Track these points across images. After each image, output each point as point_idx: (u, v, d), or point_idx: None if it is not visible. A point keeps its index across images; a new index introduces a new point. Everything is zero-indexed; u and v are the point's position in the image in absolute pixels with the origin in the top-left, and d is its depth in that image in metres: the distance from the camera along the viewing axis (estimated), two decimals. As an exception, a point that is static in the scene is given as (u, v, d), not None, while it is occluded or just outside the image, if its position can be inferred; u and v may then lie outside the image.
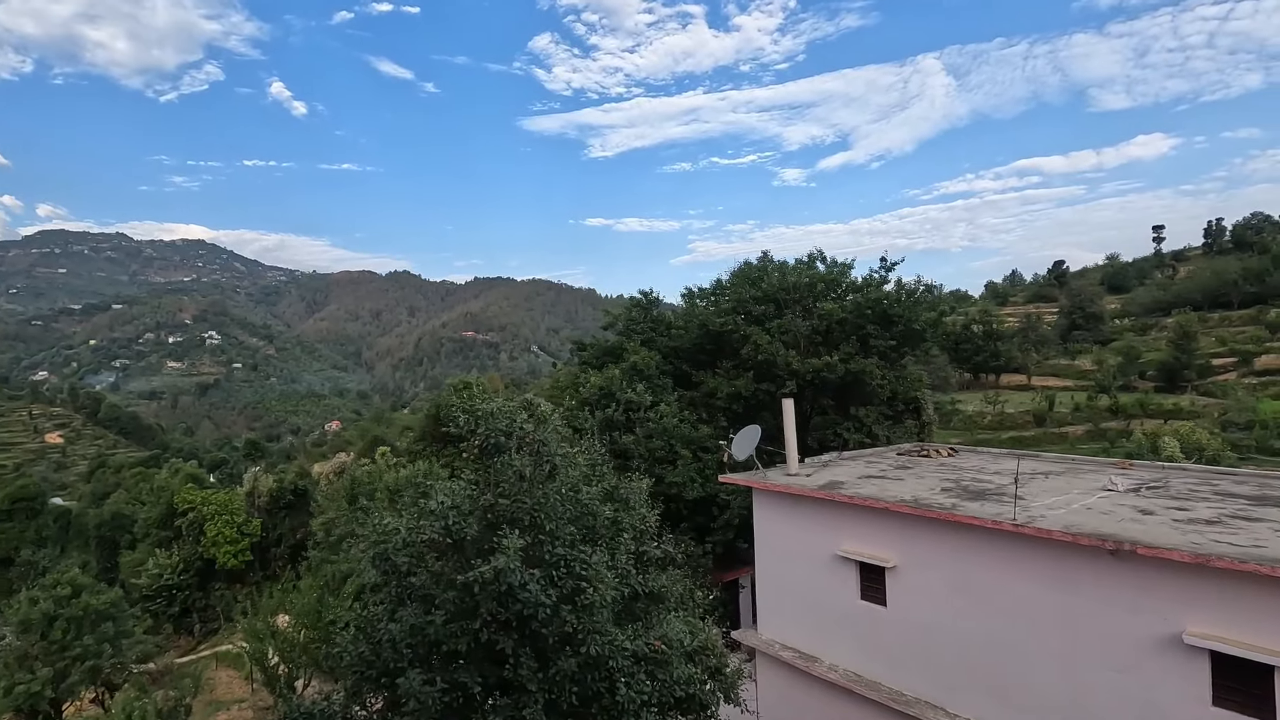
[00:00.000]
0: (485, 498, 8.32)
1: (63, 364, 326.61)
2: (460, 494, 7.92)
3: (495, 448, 8.57)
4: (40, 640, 25.57)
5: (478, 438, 8.62)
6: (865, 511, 12.98)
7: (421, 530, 7.61)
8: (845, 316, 22.92)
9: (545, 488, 8.44)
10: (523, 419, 8.69)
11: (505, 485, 8.30)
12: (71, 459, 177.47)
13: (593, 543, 8.81)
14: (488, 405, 8.85)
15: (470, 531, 7.80)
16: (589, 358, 26.36)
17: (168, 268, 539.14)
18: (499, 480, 8.37)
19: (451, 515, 7.72)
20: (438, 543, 7.76)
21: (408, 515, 8.00)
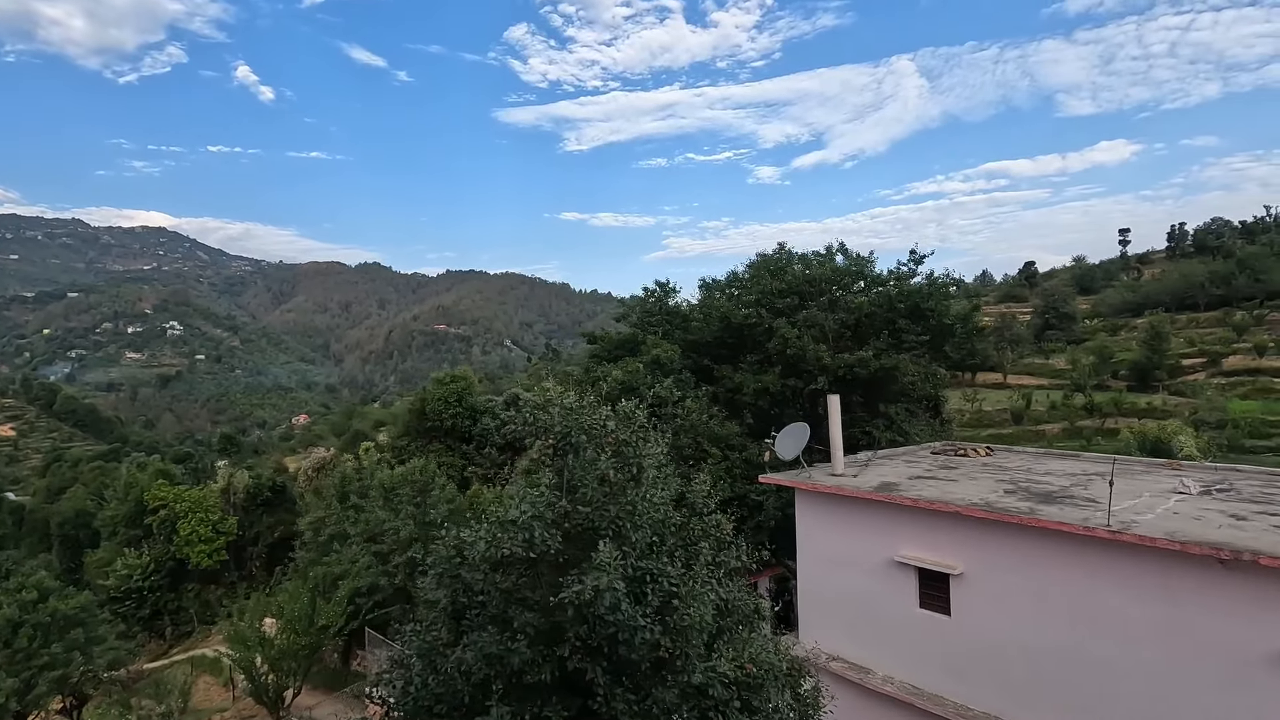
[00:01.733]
0: (561, 504, 7.34)
1: (14, 354, 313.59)
2: (542, 502, 6.92)
3: (572, 447, 7.58)
4: (4, 648, 23.82)
5: (552, 436, 7.62)
6: (926, 515, 12.27)
7: (501, 544, 6.61)
8: (875, 310, 22.33)
9: (631, 494, 7.48)
10: (604, 414, 7.71)
11: (588, 491, 7.33)
12: (24, 452, 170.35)
13: (669, 554, 7.91)
14: (564, 399, 7.84)
15: (554, 545, 6.82)
16: (601, 351, 25.33)
17: (127, 255, 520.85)
18: (578, 485, 7.39)
19: (536, 527, 6.73)
20: (517, 559, 6.76)
21: (486, 527, 6.96)
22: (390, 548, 24.48)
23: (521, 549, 6.63)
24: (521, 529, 6.71)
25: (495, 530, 6.87)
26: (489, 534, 6.78)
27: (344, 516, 26.85)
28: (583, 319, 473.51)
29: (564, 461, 7.80)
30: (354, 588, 23.71)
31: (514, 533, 6.73)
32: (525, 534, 6.68)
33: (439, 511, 25.78)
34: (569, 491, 7.73)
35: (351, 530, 25.80)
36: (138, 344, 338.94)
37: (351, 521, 26.15)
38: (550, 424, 7.63)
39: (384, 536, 24.60)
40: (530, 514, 6.77)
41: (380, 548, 24.73)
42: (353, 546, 25.08)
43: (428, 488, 26.10)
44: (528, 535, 6.69)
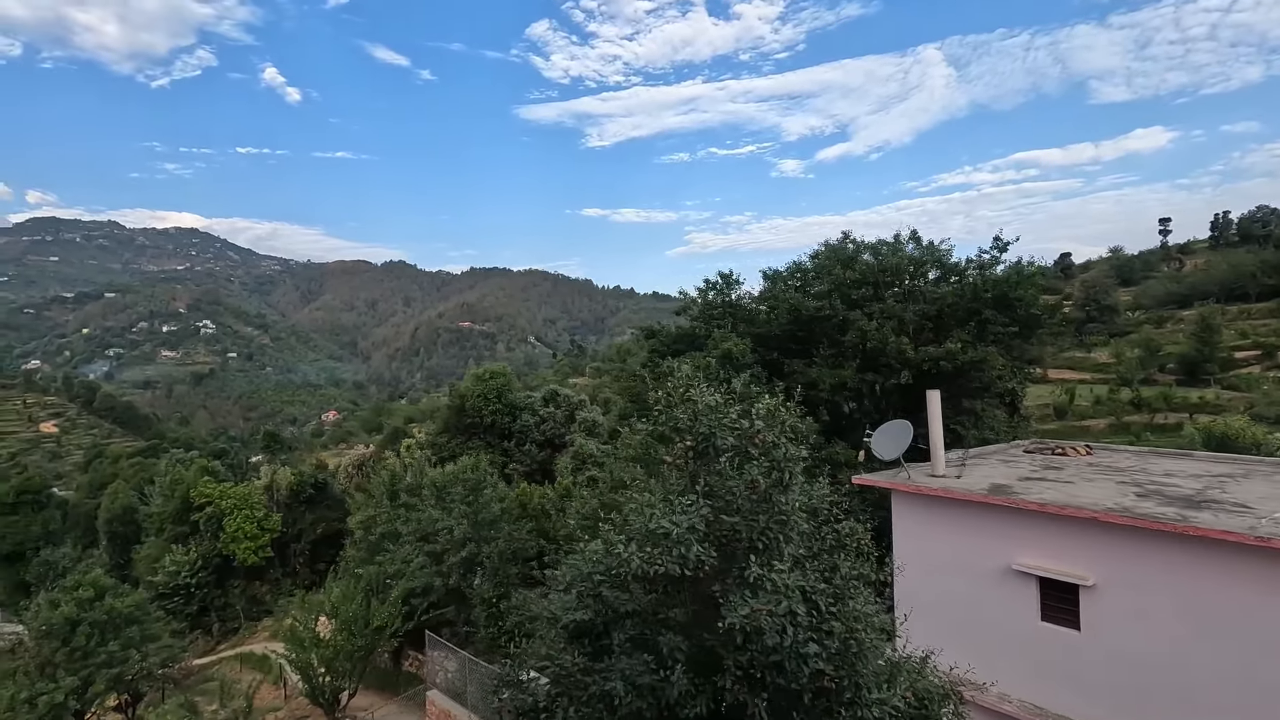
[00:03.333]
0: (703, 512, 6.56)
1: (55, 353, 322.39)
2: (695, 512, 6.15)
3: (715, 450, 6.80)
4: (62, 646, 23.82)
5: (692, 437, 6.85)
6: (1051, 520, 11.28)
7: (655, 560, 5.85)
8: (957, 300, 21.21)
9: (782, 501, 6.68)
10: (754, 413, 6.92)
11: (735, 499, 6.54)
12: (66, 448, 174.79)
13: (820, 569, 7.09)
14: (705, 397, 7.05)
15: (710, 561, 6.05)
16: (660, 346, 24.55)
17: (161, 256, 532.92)
18: (725, 493, 6.60)
19: (693, 540, 5.96)
20: (664, 576, 6.00)
21: (635, 540, 6.20)
22: (444, 547, 23.99)
23: (677, 566, 5.87)
24: (677, 543, 5.94)
25: (647, 545, 6.10)
26: (638, 549, 6.01)
27: (394, 515, 26.43)
28: (605, 315, 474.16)
29: (702, 466, 7.02)
30: (408, 588, 23.26)
31: (668, 547, 5.97)
32: (680, 549, 5.91)
33: (491, 511, 25.33)
34: (710, 499, 6.96)
35: (403, 529, 25.37)
36: (172, 342, 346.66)
37: (403, 520, 25.72)
38: (690, 424, 6.85)
39: (437, 536, 24.12)
40: (686, 526, 5.99)
41: (433, 547, 24.27)
42: (405, 546, 24.65)
43: (480, 486, 25.58)
44: (683, 551, 5.92)
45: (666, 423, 7.16)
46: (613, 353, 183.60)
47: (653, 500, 6.69)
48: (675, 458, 7.07)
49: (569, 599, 6.49)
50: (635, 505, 6.67)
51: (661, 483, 7.68)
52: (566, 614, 6.54)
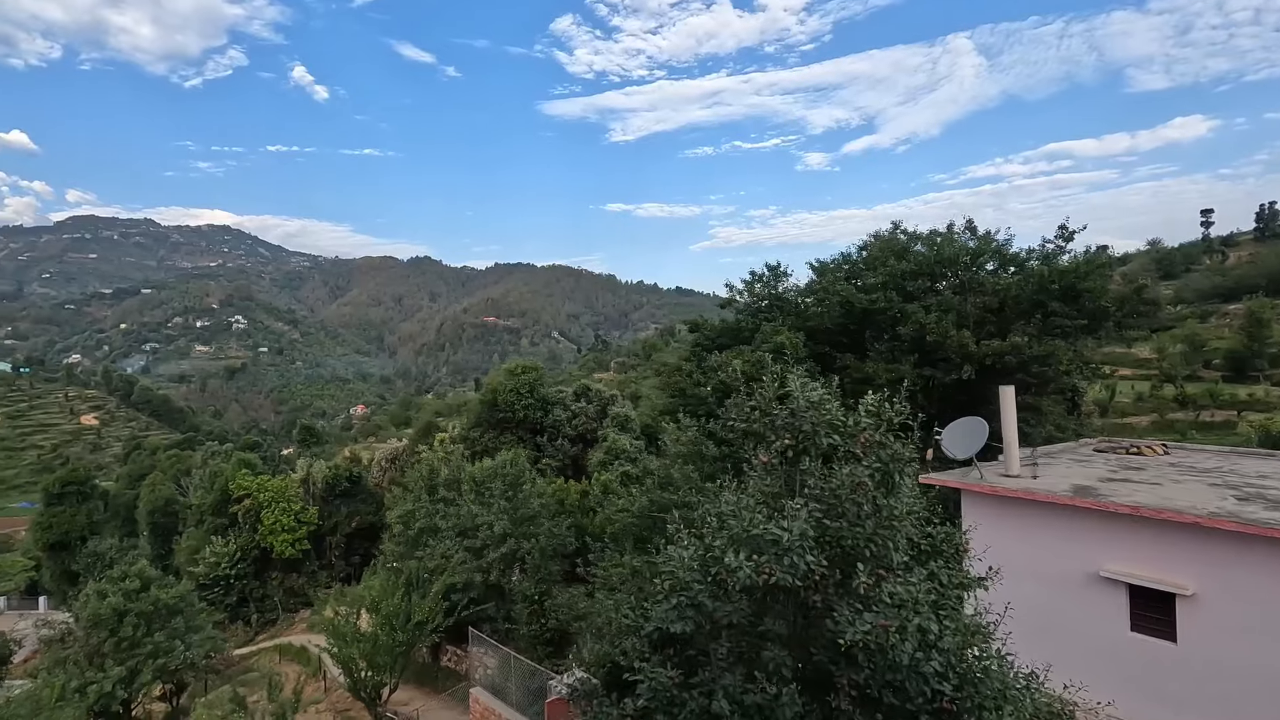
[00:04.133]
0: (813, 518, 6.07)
1: (95, 347, 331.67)
2: (805, 518, 5.65)
3: (818, 450, 6.31)
4: (110, 636, 24.13)
5: (791, 435, 6.36)
6: (1144, 525, 10.58)
7: (764, 569, 5.39)
8: (1020, 292, 20.32)
9: (890, 506, 6.16)
10: (860, 410, 6.40)
11: (841, 503, 6.03)
12: (106, 440, 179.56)
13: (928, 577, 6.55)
14: (806, 392, 6.55)
15: (820, 571, 5.56)
16: (704, 340, 24.00)
17: (194, 253, 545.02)
18: (827, 496, 6.10)
19: (807, 548, 5.49)
20: (773, 587, 5.52)
21: (737, 546, 5.74)
22: (483, 543, 23.80)
23: (789, 576, 5.39)
24: (787, 551, 5.47)
25: (753, 552, 5.63)
26: (745, 556, 5.53)
27: (433, 510, 26.31)
28: (629, 310, 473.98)
29: (799, 467, 6.52)
30: (449, 584, 23.12)
31: (777, 555, 5.49)
32: (792, 558, 5.43)
33: (531, 507, 25.08)
34: (817, 503, 6.48)
35: (442, 524, 25.25)
36: (205, 337, 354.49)
37: (442, 515, 25.59)
38: (789, 421, 6.36)
39: (477, 531, 23.93)
40: (799, 533, 5.51)
41: (472, 543, 24.08)
42: (444, 541, 24.51)
43: (519, 481, 25.35)
44: (794, 560, 5.44)
45: (757, 420, 6.67)
46: (638, 348, 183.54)
47: (749, 503, 6.21)
48: (770, 457, 6.58)
49: (666, 607, 6.04)
50: (727, 508, 6.19)
51: (749, 483, 7.17)
52: (661, 623, 6.09)
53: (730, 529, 5.98)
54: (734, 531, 5.97)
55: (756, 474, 7.44)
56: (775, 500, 6.43)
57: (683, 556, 5.81)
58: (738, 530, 5.95)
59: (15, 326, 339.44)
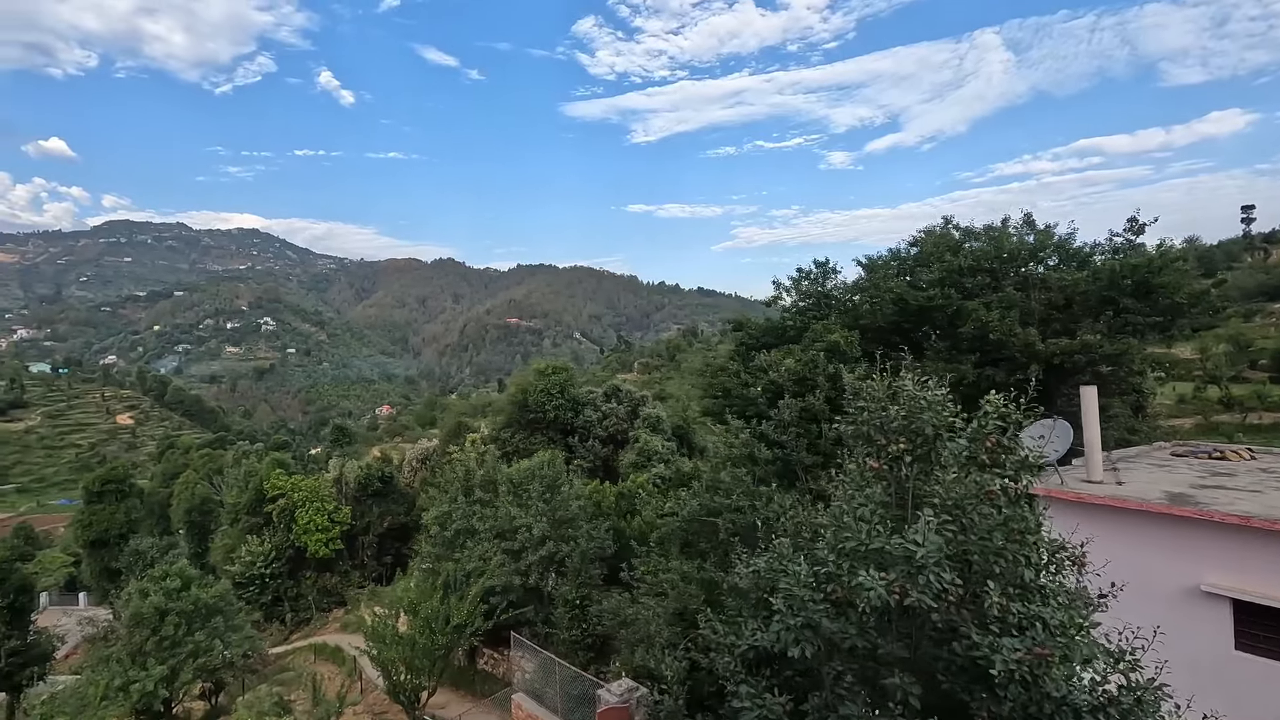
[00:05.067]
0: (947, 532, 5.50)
1: (130, 348, 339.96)
2: (938, 532, 5.09)
3: (936, 456, 5.75)
4: (152, 635, 24.24)
5: (907, 439, 5.81)
6: (1253, 536, 9.81)
7: (895, 587, 4.84)
8: (1089, 288, 19.40)
9: (1021, 517, 5.58)
10: (985, 413, 5.83)
11: (967, 515, 5.46)
12: (141, 439, 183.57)
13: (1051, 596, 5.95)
14: (925, 392, 5.99)
15: (955, 591, 5.02)
16: (748, 339, 23.38)
17: (224, 256, 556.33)
18: (950, 506, 5.53)
19: (945, 565, 4.95)
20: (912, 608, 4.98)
21: (858, 561, 5.21)
22: (522, 545, 23.46)
23: (927, 597, 4.85)
24: (923, 569, 4.92)
25: (878, 569, 5.09)
26: (877, 576, 4.98)
27: (469, 511, 26.06)
28: (650, 310, 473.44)
29: (910, 471, 5.96)
30: (487, 586, 22.81)
31: (910, 573, 4.95)
32: (928, 576, 4.89)
33: (569, 509, 24.68)
34: (945, 514, 5.91)
35: (479, 526, 24.97)
36: (235, 338, 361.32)
37: (479, 517, 25.32)
38: (905, 424, 5.81)
39: (515, 534, 23.60)
40: (934, 548, 4.96)
41: (510, 545, 23.76)
42: (483, 543, 24.22)
43: (557, 483, 24.98)
44: (930, 578, 4.89)
45: (865, 421, 6.12)
46: (661, 348, 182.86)
47: (865, 513, 5.66)
48: (881, 463, 6.02)
49: (778, 627, 5.52)
50: (847, 519, 5.64)
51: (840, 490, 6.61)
52: (774, 645, 5.57)
53: (846, 542, 5.44)
54: (850, 545, 5.43)
55: (850, 481, 6.87)
56: (886, 510, 5.87)
57: (798, 572, 5.28)
58: (855, 544, 5.41)
59: (55, 328, 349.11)
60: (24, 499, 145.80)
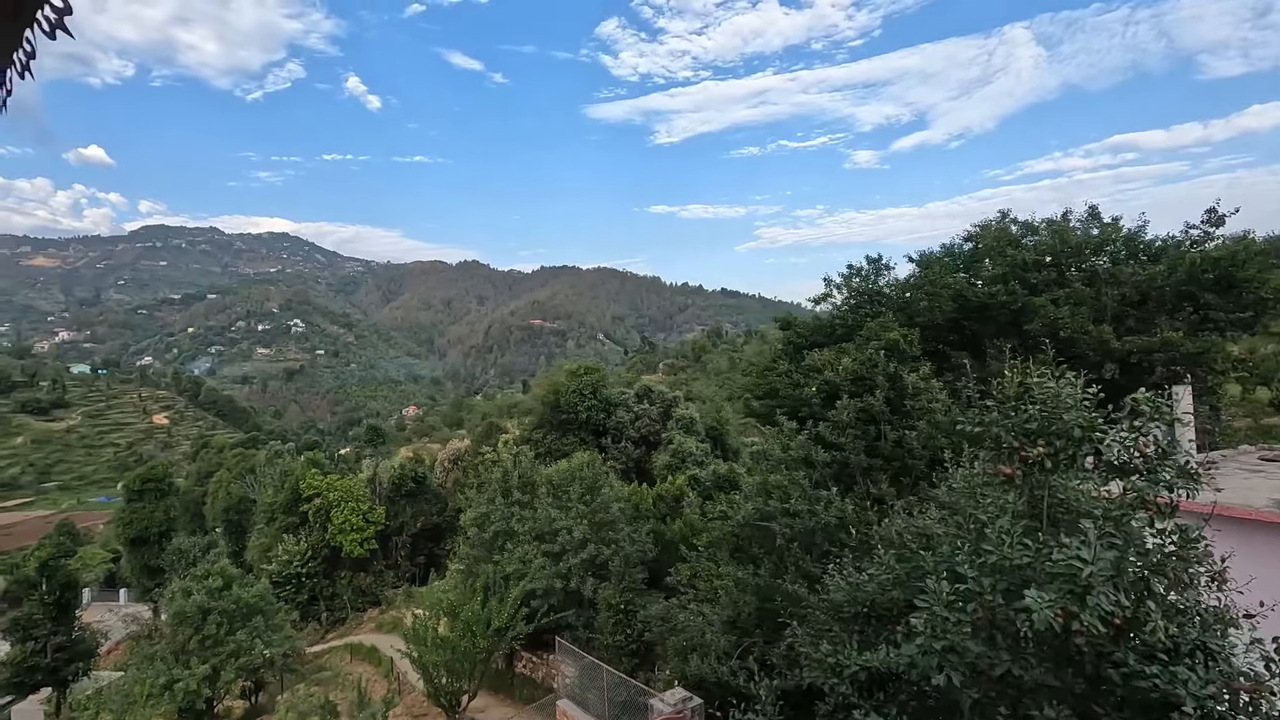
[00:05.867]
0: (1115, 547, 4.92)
1: (165, 350, 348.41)
2: (1109, 546, 4.50)
3: (1080, 460, 5.16)
4: (195, 634, 24.34)
5: (1044, 441, 5.22)
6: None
7: (1059, 607, 4.28)
8: (1166, 283, 18.43)
9: (1183, 530, 4.97)
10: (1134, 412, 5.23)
11: (1123, 528, 4.87)
12: (176, 439, 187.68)
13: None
14: (1067, 389, 5.40)
15: (1125, 612, 4.43)
16: (796, 338, 22.75)
17: (255, 259, 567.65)
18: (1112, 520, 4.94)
19: (1118, 585, 4.37)
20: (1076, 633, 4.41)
21: (998, 576, 4.62)
22: (562, 548, 23.09)
23: (1099, 622, 4.27)
24: (1089, 589, 4.34)
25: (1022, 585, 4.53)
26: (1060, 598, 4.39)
27: (508, 513, 25.78)
28: (674, 311, 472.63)
29: (1048, 478, 5.37)
30: (528, 590, 22.47)
31: (1076, 594, 4.37)
32: (1101, 598, 4.30)
33: (610, 512, 24.26)
34: (1052, 524, 5.34)
35: (519, 528, 24.66)
36: (266, 340, 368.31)
37: (518, 519, 25.01)
38: (1046, 425, 5.23)
39: (555, 536, 23.24)
40: (1109, 565, 4.38)
41: (550, 547, 23.40)
42: (522, 545, 23.90)
43: (597, 485, 24.58)
44: (1098, 600, 4.32)
45: (995, 422, 5.55)
46: (686, 349, 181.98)
47: (1001, 523, 5.09)
48: (1014, 468, 5.45)
49: (912, 650, 4.97)
50: (991, 532, 5.07)
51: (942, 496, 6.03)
52: (910, 669, 5.02)
53: (988, 557, 4.88)
54: (993, 560, 4.86)
55: (965, 489, 6.28)
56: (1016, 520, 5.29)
57: (940, 591, 4.74)
58: (998, 558, 4.84)
59: (94, 330, 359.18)
60: (65, 496, 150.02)
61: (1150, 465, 5.13)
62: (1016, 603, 4.71)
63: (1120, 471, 5.24)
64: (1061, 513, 5.55)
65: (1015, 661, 4.56)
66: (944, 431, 14.88)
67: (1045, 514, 5.47)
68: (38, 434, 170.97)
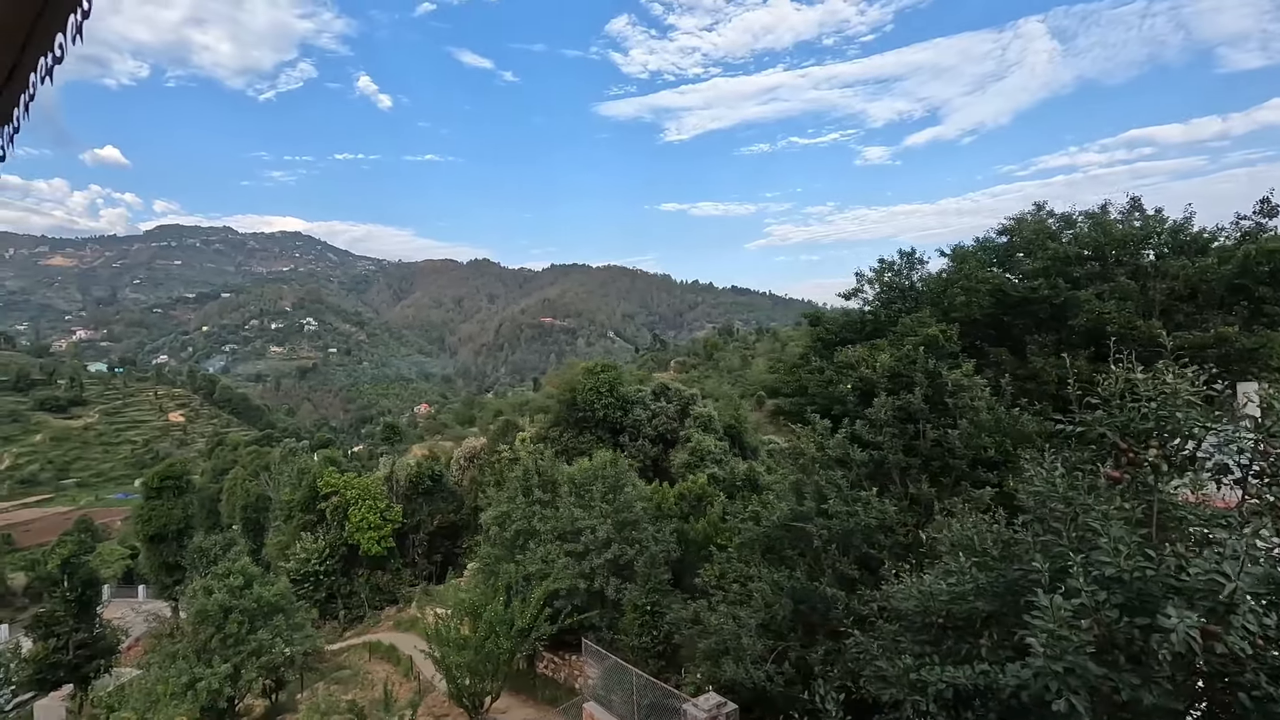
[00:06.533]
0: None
1: (180, 348, 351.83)
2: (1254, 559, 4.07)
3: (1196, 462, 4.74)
4: (217, 633, 24.26)
5: (1158, 441, 4.80)
6: None
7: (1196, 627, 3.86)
8: (1218, 276, 17.77)
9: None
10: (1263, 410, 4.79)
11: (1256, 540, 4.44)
12: (192, 437, 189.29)
13: None
14: (1177, 382, 4.97)
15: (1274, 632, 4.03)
16: (826, 334, 22.26)
17: (268, 258, 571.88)
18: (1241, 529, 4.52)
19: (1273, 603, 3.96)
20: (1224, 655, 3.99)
21: (1113, 589, 4.21)
22: (586, 548, 22.78)
23: (1243, 644, 3.85)
24: (1235, 608, 3.92)
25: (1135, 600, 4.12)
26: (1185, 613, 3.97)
27: (530, 512, 25.50)
28: (684, 309, 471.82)
29: (1164, 482, 4.94)
30: (551, 590, 22.19)
31: (1218, 611, 3.95)
32: (1245, 619, 3.88)
33: (634, 511, 23.93)
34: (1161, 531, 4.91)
35: (540, 527, 24.38)
36: (279, 339, 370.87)
37: (540, 518, 24.73)
38: (1160, 424, 4.80)
39: (578, 536, 22.94)
40: (1255, 581, 3.96)
41: (574, 547, 23.11)
42: (544, 545, 23.63)
43: (620, 484, 24.26)
44: (1243, 619, 3.90)
45: (1105, 421, 5.13)
46: (697, 347, 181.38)
47: (1115, 531, 4.66)
48: (1121, 472, 5.02)
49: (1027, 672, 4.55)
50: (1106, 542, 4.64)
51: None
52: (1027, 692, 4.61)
53: (1103, 568, 4.46)
54: (1109, 572, 4.45)
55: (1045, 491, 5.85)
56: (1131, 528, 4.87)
57: (1058, 607, 4.33)
58: (1115, 571, 4.42)
59: (110, 329, 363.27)
60: (83, 493, 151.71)
61: (1277, 469, 4.70)
62: (1139, 619, 4.30)
63: (1240, 476, 4.81)
64: (1173, 520, 5.12)
65: (1146, 685, 4.15)
66: (987, 430, 14.45)
67: (1155, 520, 5.05)
68: (56, 431, 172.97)
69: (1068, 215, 20.98)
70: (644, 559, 21.45)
